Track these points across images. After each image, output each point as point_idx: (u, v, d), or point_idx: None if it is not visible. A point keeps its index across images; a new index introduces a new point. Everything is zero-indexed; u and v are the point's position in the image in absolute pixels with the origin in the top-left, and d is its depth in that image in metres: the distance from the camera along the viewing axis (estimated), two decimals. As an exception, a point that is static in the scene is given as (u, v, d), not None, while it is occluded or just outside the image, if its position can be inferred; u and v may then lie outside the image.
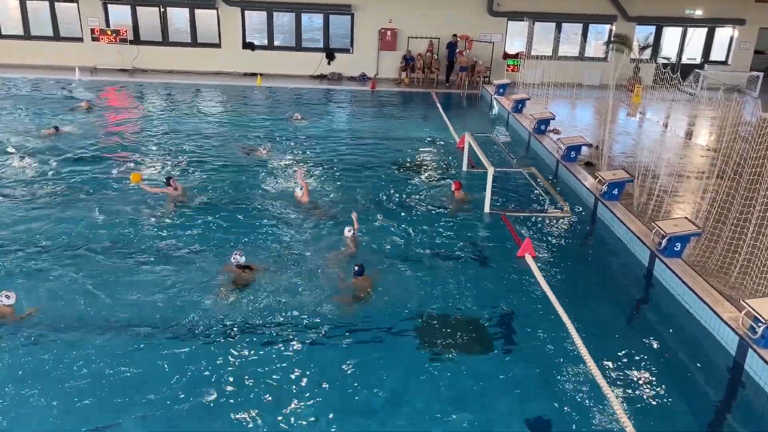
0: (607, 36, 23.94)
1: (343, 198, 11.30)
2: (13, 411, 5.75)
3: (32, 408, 5.77)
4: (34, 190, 11.05)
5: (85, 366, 6.34)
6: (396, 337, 7.15)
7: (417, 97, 21.34)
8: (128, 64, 22.70)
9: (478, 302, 7.95)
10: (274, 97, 20.32)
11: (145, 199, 10.65)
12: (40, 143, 13.74)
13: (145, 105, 18.52)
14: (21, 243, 8.94)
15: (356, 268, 8.02)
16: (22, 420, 5.67)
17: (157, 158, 13.28)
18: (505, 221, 10.52)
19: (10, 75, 21.18)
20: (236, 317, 7.32)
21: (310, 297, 7.84)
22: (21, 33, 23.00)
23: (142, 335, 6.91)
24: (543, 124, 15.72)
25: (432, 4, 22.69)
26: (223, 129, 16.00)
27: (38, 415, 5.70)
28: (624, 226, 9.98)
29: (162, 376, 6.23)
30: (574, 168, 12.93)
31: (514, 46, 23.86)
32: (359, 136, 15.95)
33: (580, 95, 20.58)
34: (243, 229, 9.73)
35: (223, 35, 23.17)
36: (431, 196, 11.66)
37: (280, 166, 12.91)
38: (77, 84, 20.64)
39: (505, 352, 7.04)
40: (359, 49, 23.52)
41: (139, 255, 8.74)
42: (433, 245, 9.53)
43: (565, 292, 8.25)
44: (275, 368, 6.47)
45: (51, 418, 5.68)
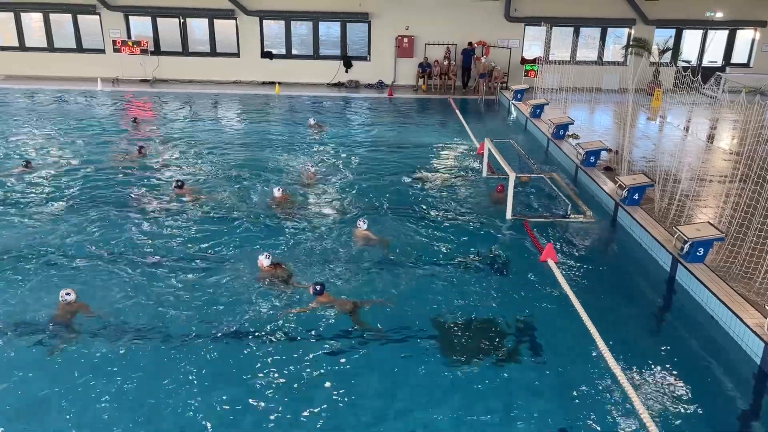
0: (626, 40, 23.77)
1: (362, 203, 11.34)
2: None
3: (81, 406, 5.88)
4: (66, 200, 11.26)
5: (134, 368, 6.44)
6: (417, 343, 7.13)
7: (435, 104, 21.36)
8: (149, 74, 23.04)
9: (500, 308, 7.91)
10: (292, 105, 20.46)
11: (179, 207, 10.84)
12: (74, 156, 14.01)
13: (179, 116, 18.71)
14: (45, 251, 9.09)
15: (317, 287, 7.69)
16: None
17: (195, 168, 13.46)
18: (526, 227, 10.47)
19: (34, 86, 21.62)
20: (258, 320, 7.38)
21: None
22: (44, 45, 23.47)
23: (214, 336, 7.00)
24: (562, 129, 15.63)
25: (449, 10, 22.72)
26: (247, 139, 16.17)
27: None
28: (645, 232, 9.87)
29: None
30: (594, 173, 12.84)
31: (532, 51, 23.78)
32: (377, 142, 16.00)
33: (599, 100, 20.43)
34: (266, 234, 9.86)
35: (241, 45, 23.42)
36: (452, 202, 11.66)
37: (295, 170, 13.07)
38: (101, 95, 21.00)
39: (528, 358, 6.99)
40: (376, 57, 23.61)
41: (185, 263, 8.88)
42: (454, 251, 9.53)
43: (588, 298, 8.19)
44: (297, 372, 6.49)
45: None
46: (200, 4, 22.48)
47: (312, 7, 22.74)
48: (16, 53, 23.32)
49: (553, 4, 22.69)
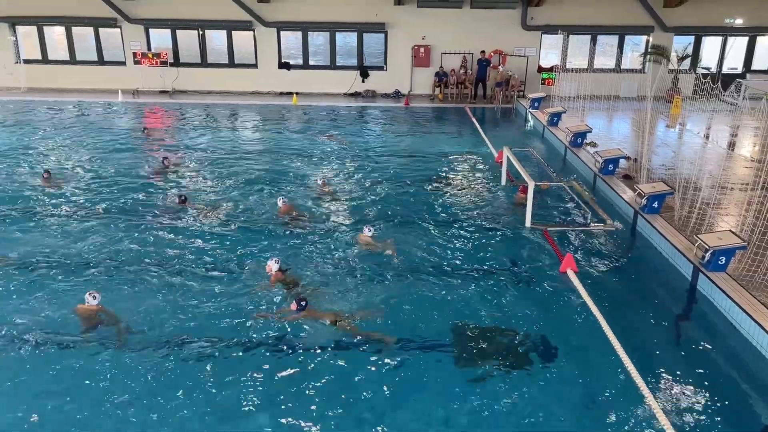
0: (644, 47, 23.62)
1: (378, 212, 11.37)
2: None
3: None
4: (90, 208, 11.44)
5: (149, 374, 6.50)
6: (432, 353, 7.09)
7: (451, 113, 21.38)
8: (168, 86, 23.35)
9: (519, 318, 7.85)
10: (309, 116, 20.60)
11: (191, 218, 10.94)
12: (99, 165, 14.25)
13: (199, 126, 18.94)
14: (59, 259, 9.23)
15: (303, 303, 7.60)
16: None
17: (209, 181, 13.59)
18: (546, 236, 10.41)
19: (56, 98, 22.03)
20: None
21: (340, 305, 7.90)
22: (67, 58, 23.92)
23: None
24: (579, 137, 15.54)
25: (465, 19, 22.77)
26: (265, 149, 16.31)
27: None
28: (665, 240, 9.76)
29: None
30: (613, 181, 12.74)
31: (549, 60, 23.74)
32: (394, 151, 16.04)
33: (617, 107, 20.31)
34: (274, 242, 9.90)
35: (259, 56, 23.66)
36: (470, 211, 11.63)
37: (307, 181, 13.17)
38: (121, 106, 21.33)
39: (547, 368, 6.91)
40: (393, 67, 23.72)
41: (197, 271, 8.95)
42: (472, 260, 9.49)
43: (609, 308, 8.10)
44: (312, 380, 6.51)
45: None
46: (219, 16, 22.78)
47: (329, 17, 22.93)
48: (39, 66, 23.81)
49: (570, 12, 22.64)
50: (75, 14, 22.81)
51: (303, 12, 22.81)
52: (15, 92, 22.98)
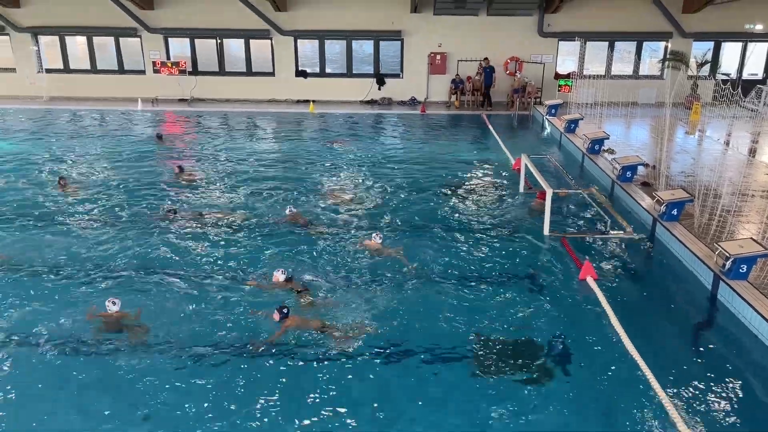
0: (663, 53, 23.44)
1: (395, 218, 11.38)
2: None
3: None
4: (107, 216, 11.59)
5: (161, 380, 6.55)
6: (448, 362, 7.07)
7: (468, 120, 21.36)
8: (187, 94, 23.61)
9: (538, 326, 7.80)
10: (325, 123, 20.70)
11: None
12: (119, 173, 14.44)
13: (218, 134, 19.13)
14: (84, 266, 9.35)
15: (284, 310, 7.51)
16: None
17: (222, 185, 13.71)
18: (564, 243, 10.35)
19: (78, 107, 22.39)
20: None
21: (354, 314, 7.90)
22: (88, 67, 24.30)
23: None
24: (597, 143, 15.45)
25: (481, 27, 22.78)
26: (282, 156, 16.41)
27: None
28: (685, 248, 9.65)
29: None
30: (631, 188, 12.63)
31: (566, 66, 23.64)
32: (410, 158, 16.05)
33: (635, 114, 20.15)
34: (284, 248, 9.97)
35: (276, 64, 23.85)
36: (487, 218, 11.60)
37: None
38: (141, 114, 21.61)
39: (566, 377, 6.85)
40: (409, 74, 23.77)
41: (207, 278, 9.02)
42: (490, 267, 9.47)
43: (629, 316, 8.02)
44: (323, 389, 6.51)
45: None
46: (237, 25, 23.00)
47: (345, 26, 23.05)
48: (61, 75, 24.19)
49: (587, 18, 22.55)
50: (96, 24, 23.17)
51: (320, 20, 22.96)
52: (37, 101, 23.36)
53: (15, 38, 23.59)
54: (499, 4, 21.37)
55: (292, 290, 8.44)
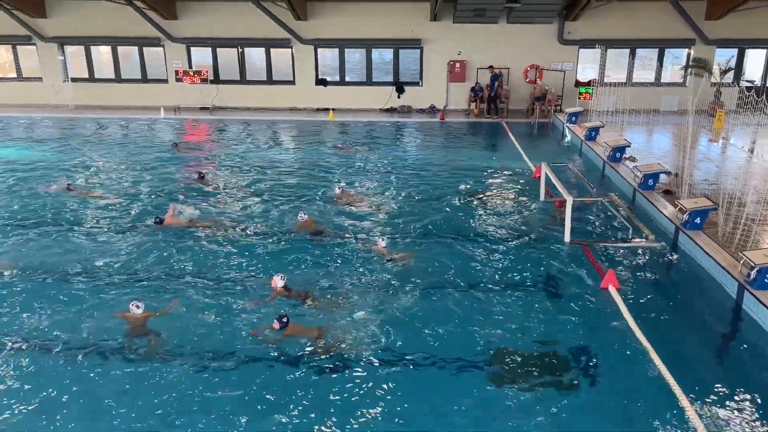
0: (685, 60, 23.20)
1: (414, 226, 11.38)
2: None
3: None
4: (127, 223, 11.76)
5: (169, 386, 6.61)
6: (466, 371, 7.02)
7: (487, 128, 21.33)
8: (208, 102, 23.89)
9: (559, 335, 7.74)
10: (345, 131, 20.79)
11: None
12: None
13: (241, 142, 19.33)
14: (100, 270, 9.49)
15: (284, 320, 7.57)
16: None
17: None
18: (586, 251, 10.26)
19: (102, 116, 22.77)
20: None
21: (365, 323, 7.90)
22: (112, 77, 24.72)
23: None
24: (618, 151, 15.32)
25: (501, 35, 22.76)
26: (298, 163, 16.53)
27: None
28: (709, 257, 9.52)
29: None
30: (653, 196, 12.50)
31: (586, 74, 23.51)
32: (430, 166, 16.04)
33: (657, 122, 19.95)
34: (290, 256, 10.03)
35: (297, 73, 24.04)
36: (508, 226, 11.55)
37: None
38: (163, 122, 21.92)
39: (588, 388, 6.76)
40: (428, 82, 23.82)
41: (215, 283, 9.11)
42: (510, 276, 9.42)
43: (652, 325, 7.91)
44: (334, 398, 6.51)
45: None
46: (258, 34, 23.25)
47: (365, 35, 23.18)
48: (87, 84, 24.64)
49: (608, 26, 22.42)
50: (121, 34, 23.58)
51: (340, 29, 23.12)
52: (63, 110, 23.80)
53: (41, 48, 24.10)
54: (519, 12, 21.34)
55: (290, 298, 8.46)
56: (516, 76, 23.28)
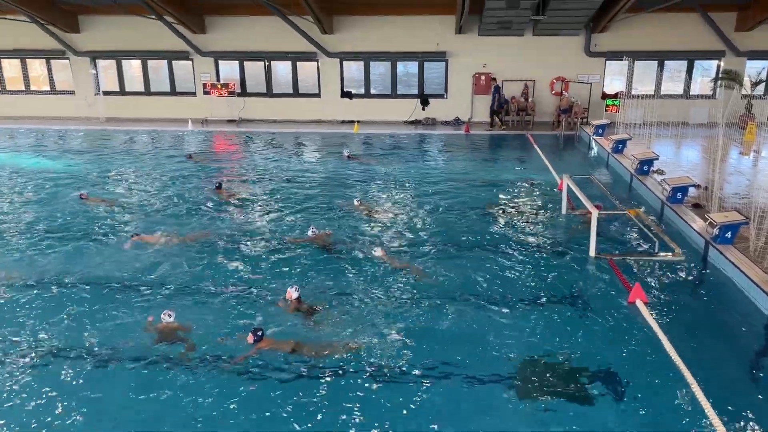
0: (715, 72, 22.86)
1: (437, 238, 11.33)
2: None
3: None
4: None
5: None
6: (492, 386, 6.95)
7: (512, 140, 21.23)
8: (235, 115, 24.21)
9: (585, 350, 7.59)
10: (368, 143, 20.86)
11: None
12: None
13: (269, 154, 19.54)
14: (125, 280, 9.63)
15: (259, 333, 7.52)
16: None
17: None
18: (612, 265, 10.11)
19: (132, 128, 23.25)
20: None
21: (385, 337, 7.86)
22: (142, 90, 25.23)
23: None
24: (646, 164, 15.11)
25: (526, 47, 22.70)
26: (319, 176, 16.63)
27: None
28: (740, 272, 9.30)
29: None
30: (682, 210, 12.28)
31: (614, 86, 23.30)
32: (454, 178, 16.00)
33: (686, 134, 19.65)
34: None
35: (322, 85, 24.26)
36: (531, 238, 11.44)
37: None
38: (191, 134, 22.28)
39: (615, 405, 6.61)
40: (453, 94, 23.83)
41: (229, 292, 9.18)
42: (534, 289, 9.31)
43: (682, 342, 7.72)
44: (351, 413, 6.48)
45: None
46: (284, 47, 23.55)
47: (391, 48, 23.33)
48: (117, 97, 25.19)
49: (635, 37, 22.23)
50: (151, 48, 24.08)
51: (366, 42, 23.30)
52: (94, 122, 24.35)
53: (74, 62, 24.72)
54: (545, 25, 21.28)
55: (299, 311, 8.47)
56: (542, 89, 23.16)
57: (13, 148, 20.38)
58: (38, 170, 16.83)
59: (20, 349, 7.64)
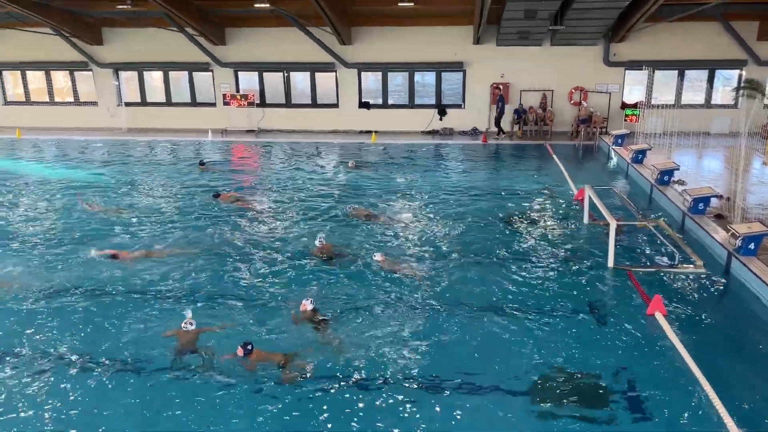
0: (737, 81, 22.59)
1: (455, 248, 11.29)
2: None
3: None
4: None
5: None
6: (505, 397, 6.88)
7: (531, 150, 21.14)
8: (254, 125, 24.43)
9: (603, 363, 7.50)
10: (386, 153, 20.90)
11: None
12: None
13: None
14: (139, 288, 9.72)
15: (248, 346, 7.50)
16: None
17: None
18: (630, 277, 9.99)
19: (153, 138, 23.58)
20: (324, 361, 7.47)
21: (400, 347, 7.83)
22: (163, 100, 25.58)
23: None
24: (666, 174, 14.94)
25: (544, 57, 22.64)
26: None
27: None
28: (764, 284, 9.14)
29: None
30: (703, 221, 12.12)
31: (633, 96, 23.13)
32: (471, 188, 15.96)
33: (707, 144, 19.42)
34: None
35: (340, 96, 24.40)
36: (549, 249, 11.35)
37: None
38: (210, 144, 22.52)
39: (634, 420, 6.51)
40: (471, 104, 23.82)
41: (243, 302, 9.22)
42: (551, 300, 9.23)
43: (703, 356, 7.58)
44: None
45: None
46: (303, 58, 23.75)
47: (408, 58, 23.41)
48: (139, 108, 25.56)
49: (655, 47, 22.07)
50: (172, 60, 24.44)
51: (383, 53, 23.41)
52: (116, 132, 24.73)
53: (97, 74, 25.16)
54: (563, 34, 21.22)
55: (312, 322, 8.46)
56: (560, 99, 23.07)
57: (38, 158, 20.76)
58: (60, 179, 17.11)
59: (42, 356, 7.75)
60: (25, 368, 7.44)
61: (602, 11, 19.23)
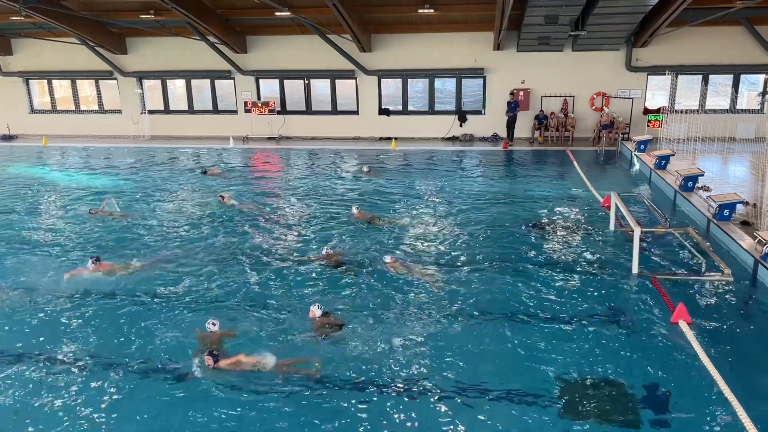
0: (762, 86, 22.24)
1: (477, 254, 11.24)
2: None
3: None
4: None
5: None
6: (532, 406, 6.82)
7: (552, 156, 21.00)
8: (275, 132, 24.62)
9: (626, 371, 7.39)
10: (405, 159, 20.91)
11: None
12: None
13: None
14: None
15: (214, 353, 7.52)
16: None
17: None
18: (655, 284, 9.85)
19: (175, 145, 23.88)
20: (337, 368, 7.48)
21: (422, 353, 7.79)
22: (186, 108, 25.91)
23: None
24: (690, 180, 14.73)
25: (566, 62, 22.52)
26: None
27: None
28: (792, 292, 8.96)
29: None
30: (729, 227, 11.92)
31: (656, 101, 22.88)
32: (492, 194, 15.90)
33: (733, 150, 19.12)
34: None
35: (361, 103, 24.49)
36: (572, 256, 11.25)
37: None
38: (232, 152, 22.73)
39: (655, 428, 6.43)
40: (491, 110, 23.75)
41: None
42: (574, 307, 9.14)
43: (728, 364, 7.46)
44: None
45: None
46: (323, 66, 23.90)
47: (428, 64, 23.43)
48: (162, 116, 25.93)
49: (678, 52, 21.82)
50: (194, 68, 24.77)
51: (403, 59, 23.47)
52: (139, 140, 25.10)
53: (122, 82, 25.58)
54: (585, 40, 21.08)
55: (323, 327, 8.45)
56: (582, 104, 22.91)
57: (64, 165, 21.14)
58: (84, 186, 17.39)
59: (62, 361, 7.87)
60: (49, 372, 7.56)
61: (624, 16, 19.07)
